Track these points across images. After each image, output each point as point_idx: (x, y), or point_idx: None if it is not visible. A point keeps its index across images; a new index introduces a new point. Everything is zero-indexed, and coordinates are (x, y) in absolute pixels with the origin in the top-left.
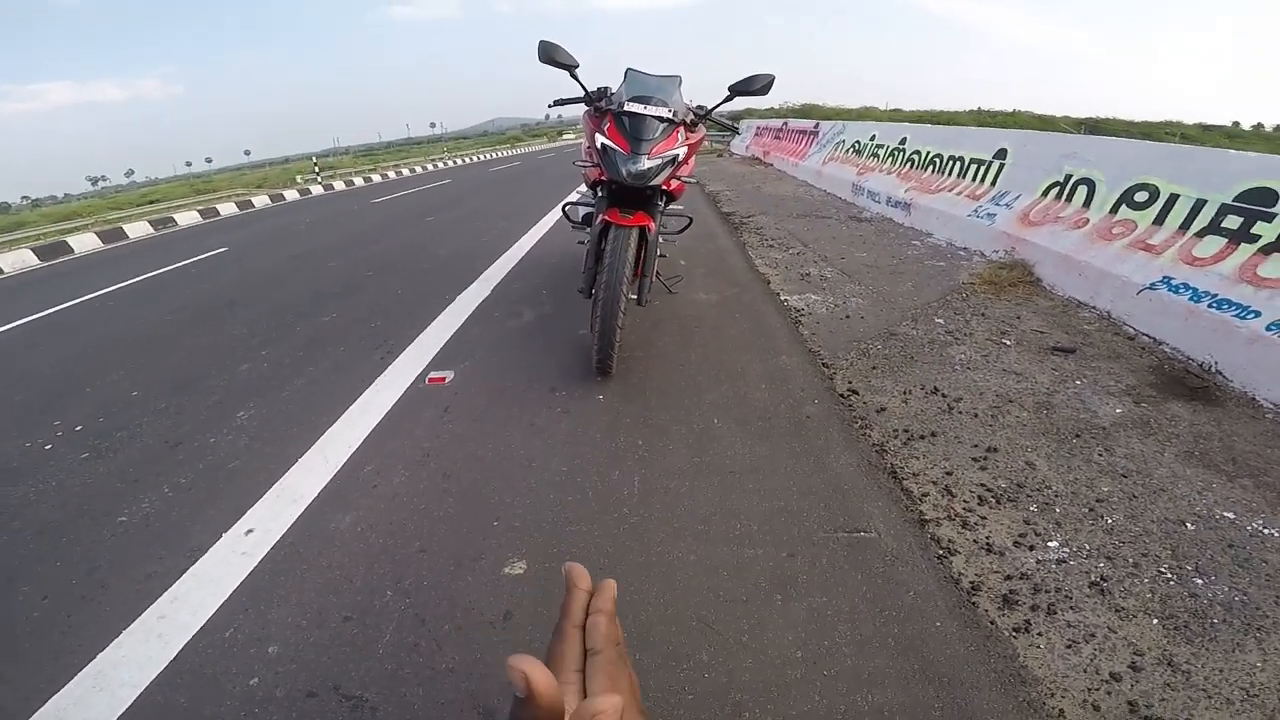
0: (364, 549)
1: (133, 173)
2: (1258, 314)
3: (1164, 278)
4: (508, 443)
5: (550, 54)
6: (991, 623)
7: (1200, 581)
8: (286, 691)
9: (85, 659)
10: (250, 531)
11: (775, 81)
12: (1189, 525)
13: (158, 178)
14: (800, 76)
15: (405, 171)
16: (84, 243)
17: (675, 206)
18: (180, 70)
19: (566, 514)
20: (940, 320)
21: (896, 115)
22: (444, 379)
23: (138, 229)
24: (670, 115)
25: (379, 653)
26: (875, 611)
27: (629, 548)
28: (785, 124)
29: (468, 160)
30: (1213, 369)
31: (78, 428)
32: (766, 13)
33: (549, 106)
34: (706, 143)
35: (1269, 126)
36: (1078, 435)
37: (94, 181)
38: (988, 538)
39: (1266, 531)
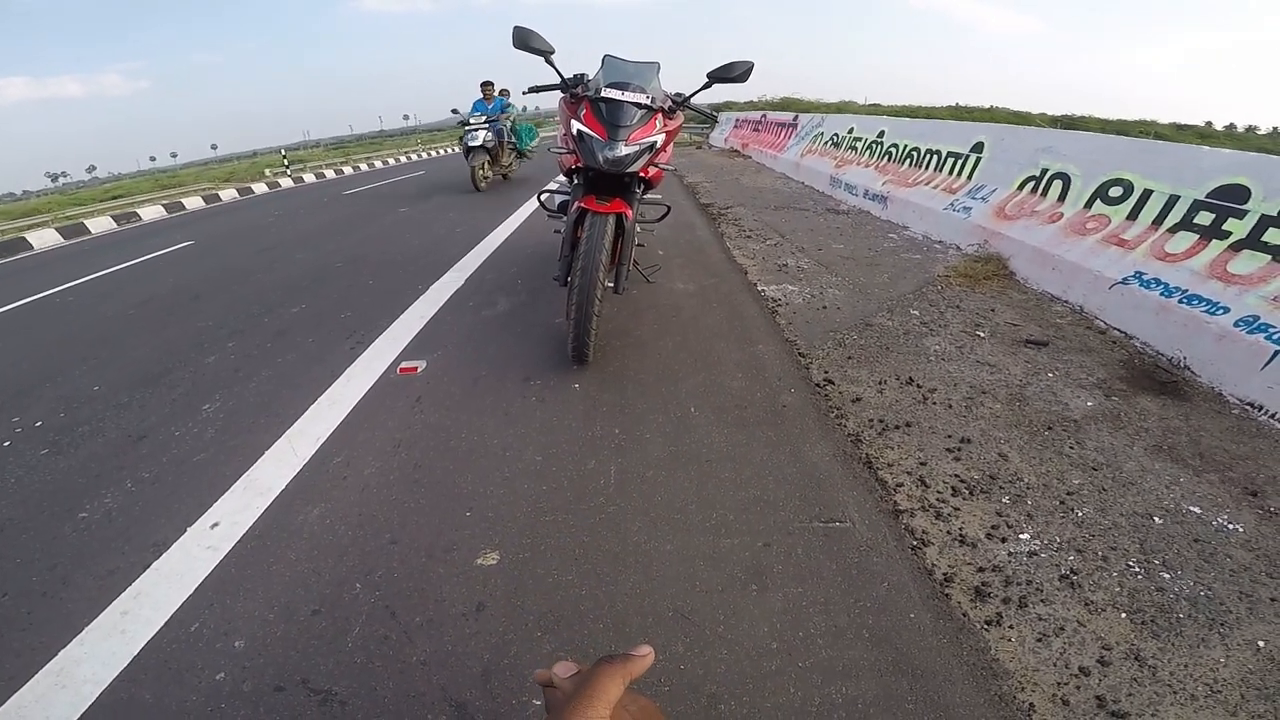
0: (333, 541)
1: (95, 168)
2: (1226, 310)
3: (1136, 273)
4: (481, 432)
5: (525, 40)
6: (964, 615)
7: (1167, 576)
8: (254, 686)
9: (47, 656)
10: (216, 525)
11: (754, 70)
12: (1157, 519)
13: (121, 173)
14: (779, 69)
15: (378, 164)
16: (44, 239)
17: (653, 195)
18: (145, 65)
19: (541, 504)
20: (915, 312)
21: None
22: (416, 369)
23: (100, 224)
24: (648, 102)
25: (348, 646)
26: (850, 603)
27: (605, 538)
28: (764, 116)
29: (443, 152)
30: (1182, 364)
31: (38, 424)
32: (745, 6)
33: (524, 93)
34: (684, 134)
35: (1240, 127)
36: (1049, 428)
37: (54, 178)
38: (961, 529)
39: (1231, 526)
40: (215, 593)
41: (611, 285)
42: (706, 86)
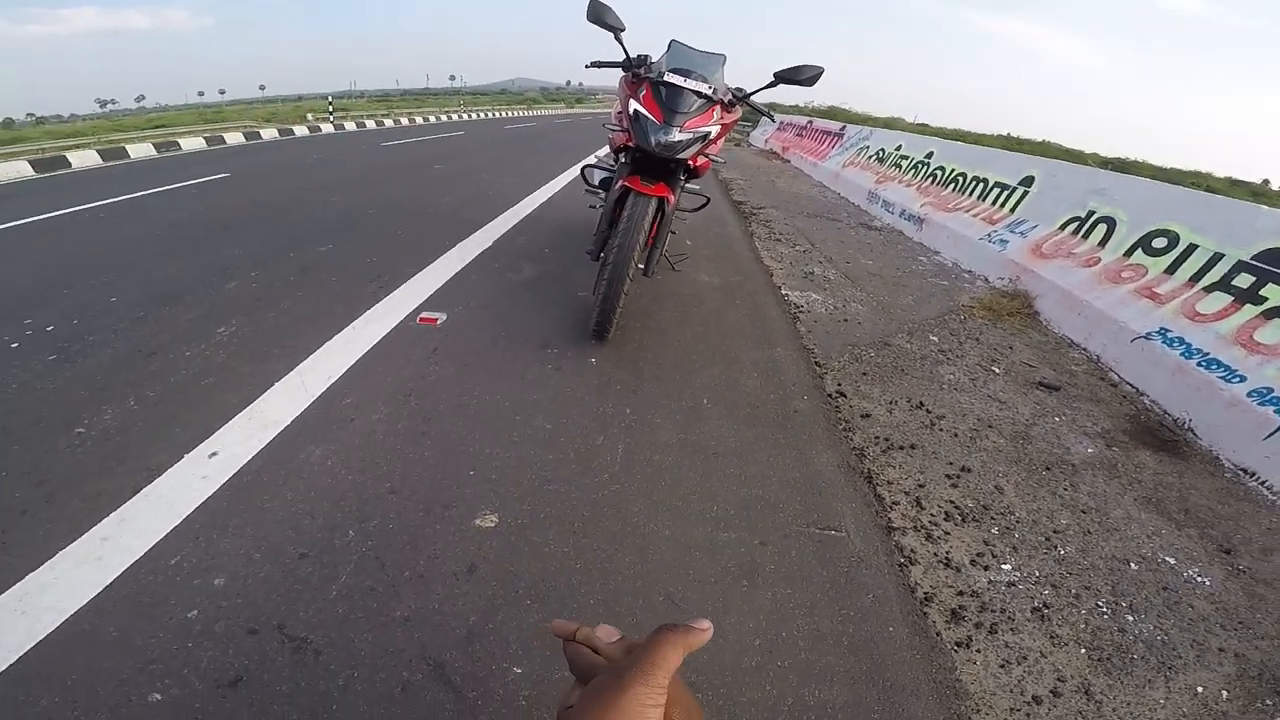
0: (331, 484)
1: (143, 98)
2: (1243, 379)
3: (1161, 329)
4: (494, 392)
5: (600, 14)
6: (937, 634)
7: (1131, 618)
8: (226, 627)
9: (12, 579)
10: (214, 454)
11: (822, 76)
12: (1132, 565)
13: (168, 104)
14: (829, 76)
15: (419, 120)
16: (84, 159)
17: (693, 185)
18: (213, 2)
19: (546, 472)
20: (935, 338)
21: (924, 130)
22: (436, 320)
23: (140, 150)
24: (709, 92)
25: (331, 594)
26: (835, 609)
27: (605, 515)
28: (810, 122)
29: (482, 115)
30: (1186, 425)
31: (48, 328)
32: (802, 7)
33: (586, 66)
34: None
35: None
36: (1048, 468)
37: (102, 104)
38: (948, 553)
39: (1200, 579)
40: (203, 525)
41: (642, 267)
42: (771, 85)
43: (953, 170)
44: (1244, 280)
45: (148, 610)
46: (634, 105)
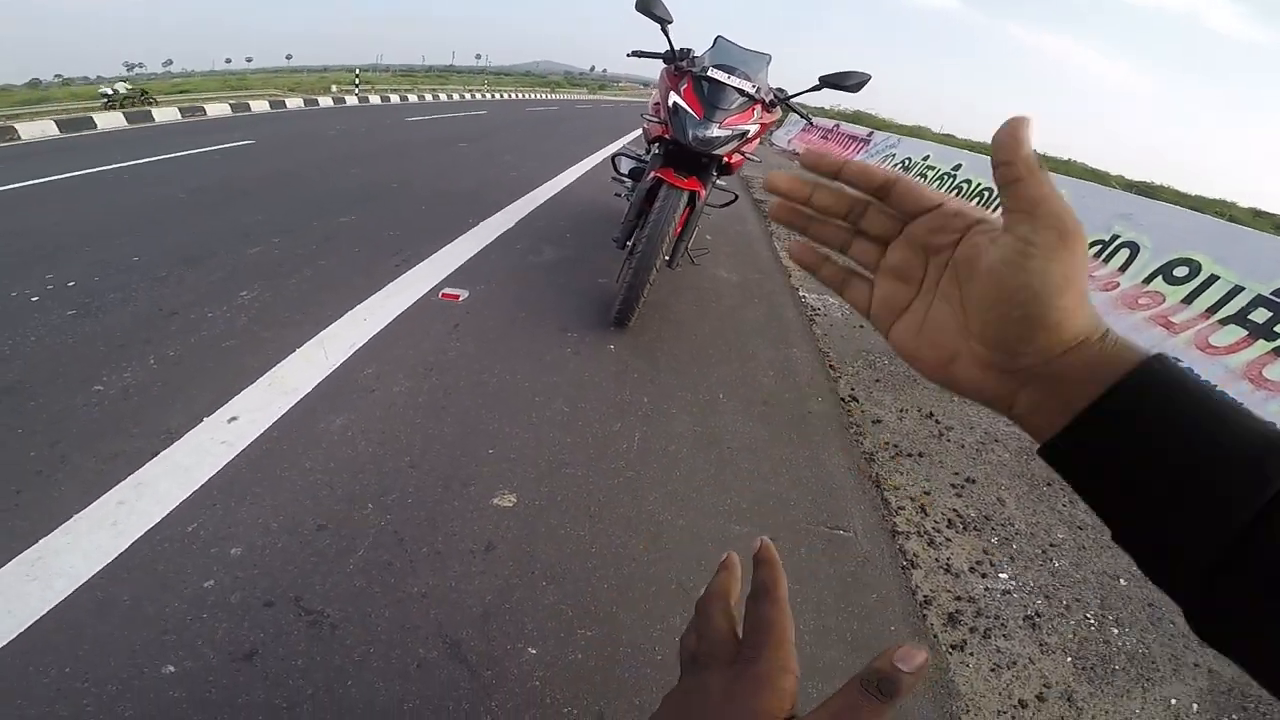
0: (351, 455)
1: (170, 63)
2: None
3: (1172, 359)
4: (514, 372)
5: (649, 5)
6: (934, 636)
7: (1116, 631)
8: (242, 598)
9: (25, 543)
10: (234, 419)
11: (869, 83)
12: (1122, 581)
13: (194, 70)
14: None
15: (442, 96)
16: (109, 120)
17: (723, 181)
18: None
19: (564, 455)
20: None
21: (949, 140)
22: (458, 297)
23: (165, 114)
24: (751, 90)
25: (349, 568)
26: (840, 607)
27: (621, 500)
28: (837, 126)
29: (505, 96)
30: None
31: (70, 283)
32: (839, 11)
33: (628, 55)
34: None
35: None
36: (1049, 484)
37: (129, 68)
38: (948, 559)
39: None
40: (221, 493)
41: (667, 259)
42: (816, 89)
43: (979, 185)
44: (1260, 315)
45: (162, 579)
46: (674, 98)
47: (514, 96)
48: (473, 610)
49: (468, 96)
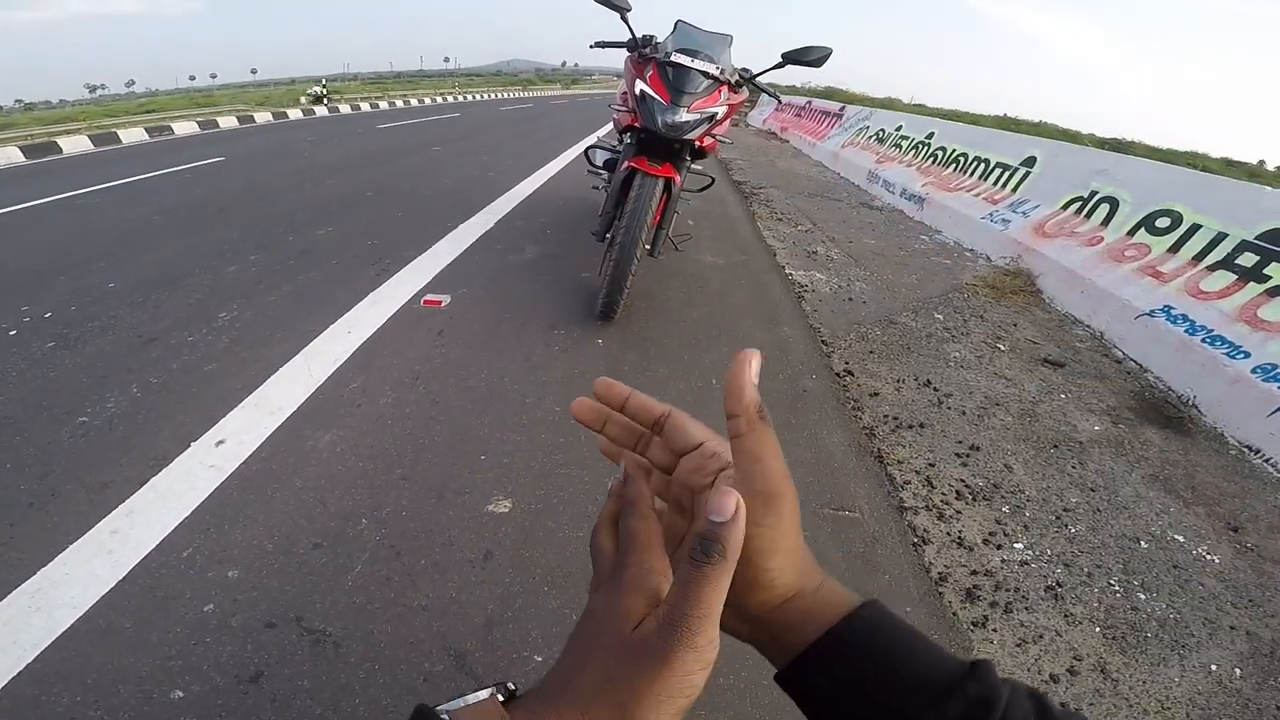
0: (342, 471)
1: (133, 83)
2: (1247, 355)
3: (1165, 306)
4: (502, 375)
5: None
6: (954, 614)
7: (1143, 596)
8: (243, 621)
9: (24, 575)
10: (221, 443)
11: (830, 57)
12: (1143, 543)
13: (158, 89)
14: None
15: (413, 102)
16: (75, 144)
17: (698, 166)
18: None
19: (558, 456)
20: (939, 316)
21: (921, 110)
22: (440, 302)
23: (132, 135)
24: (716, 72)
25: (348, 585)
26: (852, 590)
27: None
28: (809, 103)
29: (478, 97)
30: (1191, 402)
31: (47, 315)
32: None
33: (591, 46)
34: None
35: None
36: (1055, 446)
37: (92, 89)
38: (960, 532)
39: (1209, 557)
40: (213, 517)
41: (649, 248)
42: (779, 66)
43: (954, 151)
44: (1248, 259)
45: (163, 605)
46: (640, 86)
47: (487, 97)
48: (475, 620)
49: (440, 100)
